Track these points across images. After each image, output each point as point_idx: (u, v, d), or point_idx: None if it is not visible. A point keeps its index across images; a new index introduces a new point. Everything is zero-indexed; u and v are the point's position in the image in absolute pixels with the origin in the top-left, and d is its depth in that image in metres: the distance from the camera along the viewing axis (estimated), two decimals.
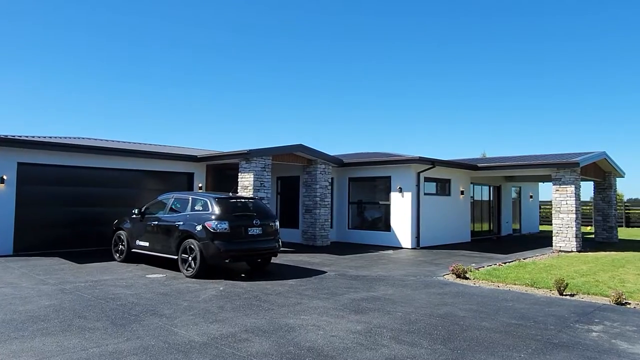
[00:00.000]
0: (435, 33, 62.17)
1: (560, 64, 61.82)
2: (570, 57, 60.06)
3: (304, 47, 64.55)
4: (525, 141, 69.33)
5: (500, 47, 61.81)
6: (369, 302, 7.40)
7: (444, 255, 14.03)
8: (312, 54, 64.95)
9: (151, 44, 60.24)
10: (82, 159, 13.45)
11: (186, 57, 63.82)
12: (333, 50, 63.43)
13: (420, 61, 64.13)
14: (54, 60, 58.13)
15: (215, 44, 62.54)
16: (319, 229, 15.88)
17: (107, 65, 60.49)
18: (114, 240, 11.71)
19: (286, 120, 73.66)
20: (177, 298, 7.53)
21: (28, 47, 55.17)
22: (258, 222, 9.79)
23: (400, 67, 65.28)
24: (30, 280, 8.89)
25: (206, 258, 9.27)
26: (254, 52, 64.91)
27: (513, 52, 60.91)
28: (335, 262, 12.12)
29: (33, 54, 56.39)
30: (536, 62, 62.87)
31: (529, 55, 61.67)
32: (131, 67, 63.48)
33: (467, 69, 64.39)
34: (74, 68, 60.28)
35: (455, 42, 61.54)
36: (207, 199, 9.86)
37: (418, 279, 9.75)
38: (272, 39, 62.33)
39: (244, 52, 64.80)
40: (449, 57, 62.88)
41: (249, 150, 13.64)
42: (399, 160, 15.67)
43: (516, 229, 23.74)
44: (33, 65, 56.49)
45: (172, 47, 61.46)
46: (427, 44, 63.42)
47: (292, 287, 8.63)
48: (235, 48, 64.08)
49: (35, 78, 59.12)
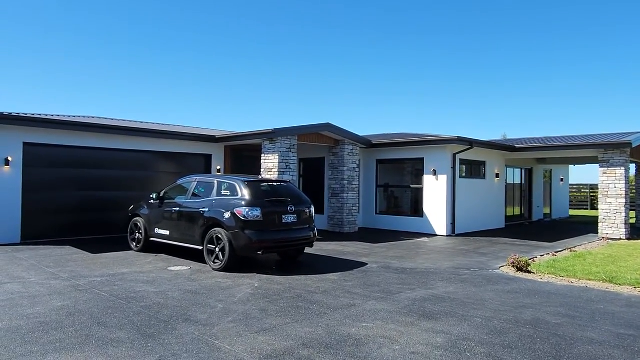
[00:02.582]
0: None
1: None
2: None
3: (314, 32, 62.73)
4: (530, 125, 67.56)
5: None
6: (433, 304, 6.31)
7: (486, 243, 12.91)
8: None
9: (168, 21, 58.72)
10: (93, 139, 12.35)
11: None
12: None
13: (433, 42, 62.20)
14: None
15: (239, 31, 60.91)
16: (346, 215, 14.78)
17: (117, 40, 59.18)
18: (130, 227, 10.68)
19: (287, 107, 72.21)
20: (209, 297, 6.48)
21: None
22: (293, 208, 8.69)
23: (399, 51, 63.42)
24: (40, 273, 7.88)
25: (236, 249, 8.20)
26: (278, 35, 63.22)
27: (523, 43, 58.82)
28: (371, 251, 11.04)
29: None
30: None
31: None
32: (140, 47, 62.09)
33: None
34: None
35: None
36: (235, 182, 8.75)
37: (474, 272, 8.65)
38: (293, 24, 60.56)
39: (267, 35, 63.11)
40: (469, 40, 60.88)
41: (274, 129, 12.48)
42: (434, 140, 14.44)
43: (547, 213, 22.52)
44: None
45: (186, 30, 59.91)
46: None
47: (335, 283, 7.56)
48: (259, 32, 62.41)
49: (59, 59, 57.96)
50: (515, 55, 64.54)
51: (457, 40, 64.73)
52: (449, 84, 69.11)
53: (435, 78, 69.22)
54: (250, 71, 70.04)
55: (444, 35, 64.27)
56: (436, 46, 66.01)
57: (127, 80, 67.55)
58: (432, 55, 66.64)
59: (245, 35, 63.74)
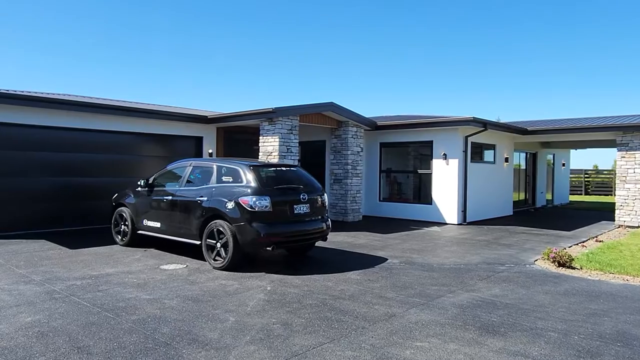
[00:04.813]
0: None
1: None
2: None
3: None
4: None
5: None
6: (487, 312, 5.27)
7: (503, 232, 11.96)
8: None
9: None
10: (72, 119, 10.95)
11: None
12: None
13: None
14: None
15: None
16: (350, 202, 13.69)
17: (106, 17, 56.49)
18: (115, 218, 9.41)
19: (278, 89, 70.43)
20: (216, 307, 5.33)
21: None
22: (305, 196, 7.52)
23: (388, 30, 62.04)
24: (8, 276, 6.62)
25: (241, 245, 7.03)
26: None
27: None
28: (384, 243, 9.98)
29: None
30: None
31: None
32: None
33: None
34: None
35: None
36: (238, 166, 7.54)
37: (510, 269, 7.65)
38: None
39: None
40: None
41: (275, 108, 11.24)
42: (445, 121, 13.36)
43: (549, 199, 21.78)
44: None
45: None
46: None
47: (360, 284, 6.47)
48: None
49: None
50: (502, 35, 63.67)
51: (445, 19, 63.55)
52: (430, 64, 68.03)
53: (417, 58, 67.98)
54: (242, 50, 67.86)
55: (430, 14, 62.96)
56: (420, 23, 64.72)
57: (113, 60, 64.81)
58: (413, 33, 65.36)
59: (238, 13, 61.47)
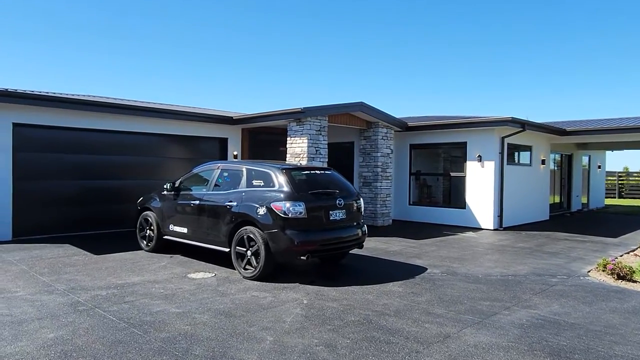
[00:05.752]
0: None
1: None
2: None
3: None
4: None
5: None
6: (552, 333, 4.70)
7: (543, 239, 11.29)
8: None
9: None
10: (95, 120, 10.69)
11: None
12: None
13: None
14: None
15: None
16: (380, 206, 13.16)
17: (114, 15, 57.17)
18: (140, 223, 9.07)
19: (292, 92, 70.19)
20: (251, 323, 4.88)
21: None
22: (342, 202, 7.04)
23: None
24: (30, 284, 6.30)
25: (274, 253, 6.59)
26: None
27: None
28: (420, 250, 9.43)
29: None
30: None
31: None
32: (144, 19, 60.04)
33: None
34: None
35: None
36: (270, 170, 7.10)
37: (564, 281, 7.03)
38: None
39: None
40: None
41: (304, 108, 10.80)
42: (480, 122, 12.71)
43: (584, 203, 20.85)
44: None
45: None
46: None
47: (403, 297, 5.96)
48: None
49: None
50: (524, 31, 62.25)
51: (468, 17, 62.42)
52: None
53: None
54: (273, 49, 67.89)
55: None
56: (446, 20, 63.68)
57: (137, 62, 65.54)
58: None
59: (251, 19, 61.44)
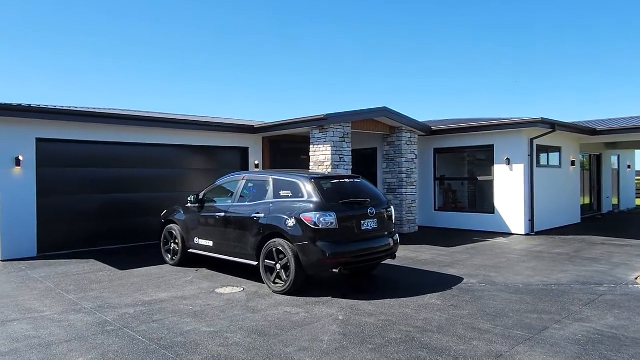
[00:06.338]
0: None
1: None
2: None
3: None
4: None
5: None
6: (614, 351, 4.34)
7: (580, 244, 10.81)
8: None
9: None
10: (116, 133, 10.61)
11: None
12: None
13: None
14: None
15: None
16: (405, 213, 12.81)
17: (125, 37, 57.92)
18: (164, 236, 8.91)
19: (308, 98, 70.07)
20: (287, 343, 4.62)
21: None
22: (373, 211, 6.76)
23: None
24: (57, 302, 6.15)
25: (304, 267, 6.33)
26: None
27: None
28: (452, 258, 9.07)
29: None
30: None
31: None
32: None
33: None
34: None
35: None
36: (298, 179, 6.86)
37: (612, 290, 6.62)
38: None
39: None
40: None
41: (327, 114, 10.56)
42: (508, 123, 12.30)
43: (615, 204, 20.17)
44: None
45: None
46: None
47: (444, 311, 5.63)
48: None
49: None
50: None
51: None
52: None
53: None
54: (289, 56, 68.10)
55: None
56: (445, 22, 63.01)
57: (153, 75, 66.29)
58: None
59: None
